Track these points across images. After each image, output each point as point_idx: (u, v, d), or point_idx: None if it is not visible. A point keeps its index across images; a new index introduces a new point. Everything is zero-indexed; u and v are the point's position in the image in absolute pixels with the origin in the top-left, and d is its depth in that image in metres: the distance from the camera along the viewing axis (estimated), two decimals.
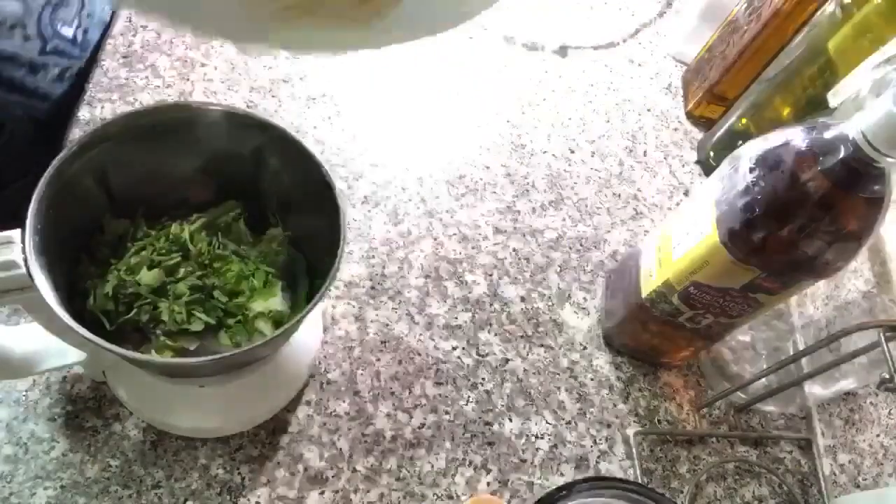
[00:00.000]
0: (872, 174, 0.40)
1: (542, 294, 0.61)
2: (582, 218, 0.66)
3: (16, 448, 0.46)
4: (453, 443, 0.52)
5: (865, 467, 0.59)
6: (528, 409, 0.55)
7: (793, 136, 0.43)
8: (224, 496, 0.47)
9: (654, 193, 0.70)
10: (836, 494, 0.57)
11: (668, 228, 0.54)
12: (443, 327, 0.57)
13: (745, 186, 0.44)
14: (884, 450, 0.60)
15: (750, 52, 0.67)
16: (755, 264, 0.45)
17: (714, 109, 0.75)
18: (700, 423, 0.58)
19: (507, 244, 0.63)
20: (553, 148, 0.70)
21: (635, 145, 0.73)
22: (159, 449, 0.47)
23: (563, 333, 0.59)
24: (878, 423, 0.61)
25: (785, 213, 0.42)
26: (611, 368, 0.59)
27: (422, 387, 0.54)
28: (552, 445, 0.54)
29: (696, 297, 0.50)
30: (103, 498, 0.45)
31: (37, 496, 0.44)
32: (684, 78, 0.79)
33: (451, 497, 0.50)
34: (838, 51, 0.57)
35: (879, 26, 0.54)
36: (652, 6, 0.85)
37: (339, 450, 0.50)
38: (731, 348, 0.61)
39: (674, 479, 0.55)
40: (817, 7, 0.61)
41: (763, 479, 0.57)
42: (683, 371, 0.60)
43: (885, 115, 0.38)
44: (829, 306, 0.60)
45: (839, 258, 0.44)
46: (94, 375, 0.47)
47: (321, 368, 0.53)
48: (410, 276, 0.59)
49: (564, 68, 0.76)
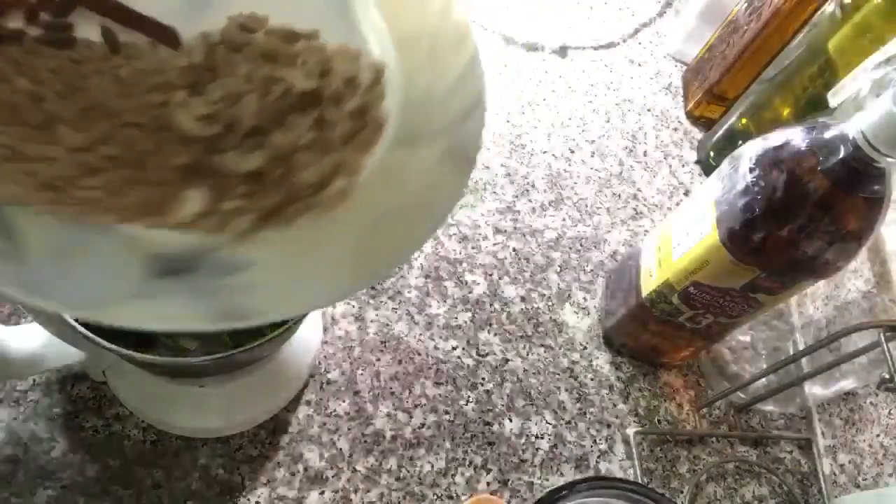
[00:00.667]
0: (872, 174, 0.40)
1: (542, 294, 0.61)
2: (582, 218, 0.66)
3: (16, 448, 0.46)
4: (453, 443, 0.52)
5: (865, 467, 0.59)
6: (528, 409, 0.55)
7: (793, 136, 0.43)
8: (224, 496, 0.47)
9: (654, 193, 0.70)
10: (836, 494, 0.57)
11: (668, 228, 0.54)
12: (443, 327, 0.57)
13: (745, 186, 0.44)
14: (884, 450, 0.60)
15: (750, 52, 0.67)
16: (755, 264, 0.45)
17: (714, 109, 0.75)
18: (700, 423, 0.58)
19: (507, 244, 0.63)
20: (553, 148, 0.70)
21: (635, 145, 0.73)
22: (159, 449, 0.47)
23: (563, 333, 0.59)
24: (878, 423, 0.61)
25: (785, 213, 0.42)
26: (611, 368, 0.59)
27: (422, 387, 0.54)
28: (552, 445, 0.54)
29: (696, 297, 0.50)
30: (103, 498, 0.45)
31: (37, 496, 0.44)
32: (684, 78, 0.79)
33: (451, 497, 0.50)
34: (838, 51, 0.57)
35: (879, 26, 0.54)
36: (652, 6, 0.85)
37: (339, 450, 0.50)
38: (731, 348, 0.61)
39: (674, 479, 0.55)
40: (817, 7, 0.61)
41: (763, 479, 0.57)
42: (683, 371, 0.60)
43: (885, 115, 0.38)
44: (829, 306, 0.60)
45: (839, 258, 0.44)
46: (95, 375, 0.47)
47: (321, 368, 0.53)
48: (410, 276, 0.59)
49: (564, 68, 0.76)
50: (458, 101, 0.32)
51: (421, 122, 0.32)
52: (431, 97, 0.32)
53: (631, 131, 0.74)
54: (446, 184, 0.31)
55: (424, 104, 0.32)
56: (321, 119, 0.29)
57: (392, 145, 0.31)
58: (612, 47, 0.80)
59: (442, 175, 0.31)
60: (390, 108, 0.31)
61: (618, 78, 0.78)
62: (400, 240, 0.29)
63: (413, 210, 0.30)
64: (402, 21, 0.33)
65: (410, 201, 0.30)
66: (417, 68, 0.33)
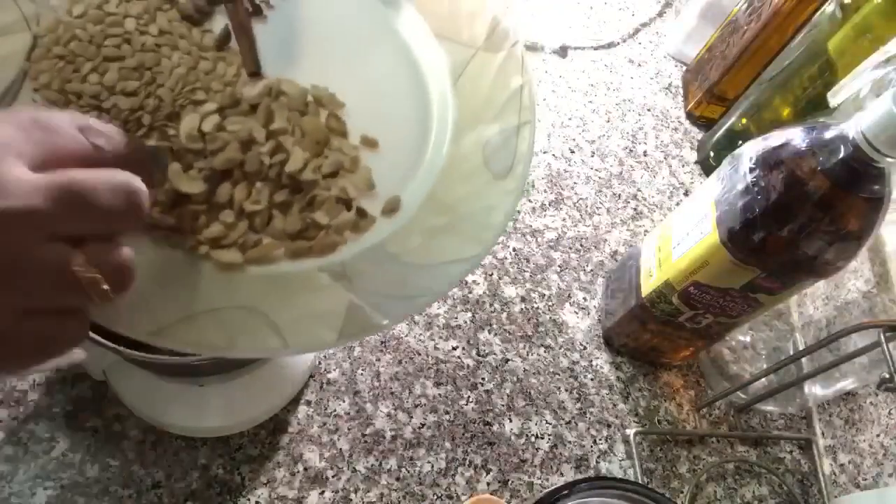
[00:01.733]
0: (872, 174, 0.40)
1: (542, 294, 0.61)
2: (582, 218, 0.66)
3: (16, 448, 0.46)
4: (453, 443, 0.52)
5: (865, 467, 0.59)
6: (528, 409, 0.55)
7: (793, 136, 0.43)
8: (224, 496, 0.47)
9: (654, 193, 0.70)
10: (836, 494, 0.57)
11: (668, 228, 0.54)
12: (443, 327, 0.57)
13: (745, 186, 0.44)
14: (884, 450, 0.60)
15: (750, 52, 0.67)
16: (755, 264, 0.45)
17: (714, 109, 0.75)
18: (700, 423, 0.58)
19: (507, 244, 0.63)
20: (553, 148, 0.70)
21: (635, 145, 0.73)
22: (159, 449, 0.47)
23: (563, 333, 0.59)
24: (878, 423, 0.61)
25: (785, 213, 0.42)
26: (611, 368, 0.59)
27: (422, 387, 0.54)
28: (552, 445, 0.54)
29: (696, 297, 0.50)
30: (103, 498, 0.45)
31: (37, 496, 0.44)
32: (684, 78, 0.79)
33: (451, 497, 0.50)
34: (838, 51, 0.57)
35: (879, 26, 0.54)
36: (652, 6, 0.85)
37: (339, 450, 0.50)
38: (731, 348, 0.61)
39: (674, 479, 0.55)
40: (817, 7, 0.61)
41: (763, 479, 0.57)
42: (683, 371, 0.60)
43: (885, 115, 0.38)
44: (829, 306, 0.60)
45: (839, 258, 0.44)
46: (95, 375, 0.47)
47: (321, 368, 0.53)
48: None
49: (564, 68, 0.76)
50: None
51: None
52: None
53: (631, 131, 0.74)
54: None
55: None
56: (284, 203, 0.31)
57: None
58: (612, 47, 0.80)
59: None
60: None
61: (618, 78, 0.78)
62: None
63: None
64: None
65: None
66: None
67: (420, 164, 0.34)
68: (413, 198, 0.33)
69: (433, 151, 0.35)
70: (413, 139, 0.35)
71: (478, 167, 0.34)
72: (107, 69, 0.31)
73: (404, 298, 0.30)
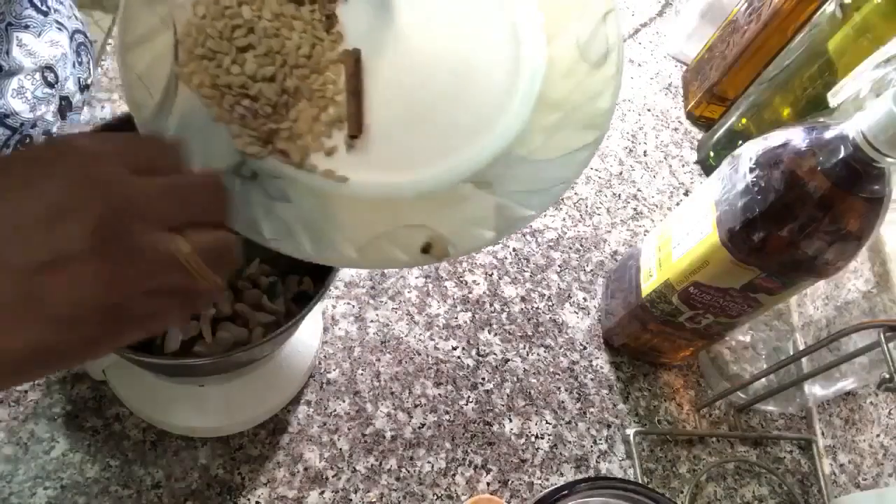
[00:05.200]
0: (872, 174, 0.40)
1: (542, 294, 0.61)
2: (582, 218, 0.66)
3: (16, 448, 0.46)
4: (453, 443, 0.52)
5: (865, 467, 0.59)
6: (528, 409, 0.55)
7: (793, 136, 0.43)
8: (224, 496, 0.47)
9: (654, 193, 0.70)
10: (836, 494, 0.57)
11: (668, 228, 0.54)
12: (443, 327, 0.57)
13: (745, 186, 0.44)
14: (884, 450, 0.60)
15: (750, 52, 0.67)
16: (755, 264, 0.45)
17: (714, 109, 0.75)
18: (700, 423, 0.58)
19: (507, 244, 0.63)
20: None
21: (635, 145, 0.73)
22: (159, 449, 0.47)
23: (563, 333, 0.59)
24: (878, 423, 0.61)
25: (785, 213, 0.42)
26: (611, 368, 0.59)
27: (422, 387, 0.54)
28: (552, 445, 0.54)
29: (696, 297, 0.50)
30: (103, 498, 0.45)
31: (37, 496, 0.44)
32: (684, 78, 0.79)
33: (451, 497, 0.50)
34: (838, 51, 0.57)
35: (879, 26, 0.54)
36: (652, 6, 0.85)
37: (339, 450, 0.50)
38: (731, 348, 0.61)
39: (674, 479, 0.55)
40: (817, 7, 0.61)
41: (763, 479, 0.57)
42: (683, 371, 0.60)
43: (885, 115, 0.38)
44: (829, 306, 0.60)
45: (839, 258, 0.44)
46: (95, 375, 0.47)
47: (321, 368, 0.53)
48: (410, 276, 0.59)
49: None
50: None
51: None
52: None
53: (631, 131, 0.74)
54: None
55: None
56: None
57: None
58: None
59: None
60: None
61: None
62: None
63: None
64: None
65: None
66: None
67: (521, 72, 0.37)
68: (524, 104, 0.36)
69: (531, 59, 0.37)
70: (509, 51, 0.37)
71: (575, 62, 0.37)
72: (244, 60, 0.34)
73: (542, 191, 0.34)
